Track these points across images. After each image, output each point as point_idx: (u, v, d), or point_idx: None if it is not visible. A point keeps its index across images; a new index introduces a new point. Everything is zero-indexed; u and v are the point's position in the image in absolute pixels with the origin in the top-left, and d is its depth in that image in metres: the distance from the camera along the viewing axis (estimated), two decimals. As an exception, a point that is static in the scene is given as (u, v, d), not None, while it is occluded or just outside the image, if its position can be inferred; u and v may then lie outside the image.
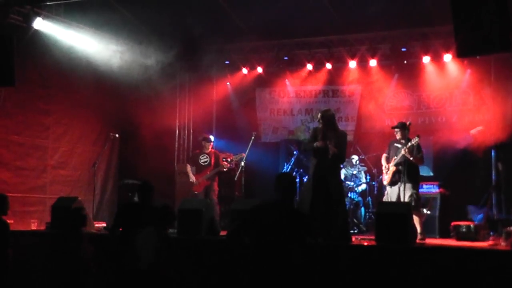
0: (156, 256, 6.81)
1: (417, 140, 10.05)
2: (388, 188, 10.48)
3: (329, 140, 9.14)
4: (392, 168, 10.30)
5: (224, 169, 12.41)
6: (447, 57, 12.90)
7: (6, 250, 7.79)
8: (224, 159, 12.64)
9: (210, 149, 12.57)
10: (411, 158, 10.00)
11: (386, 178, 10.52)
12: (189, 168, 12.53)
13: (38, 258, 9.48)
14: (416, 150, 10.08)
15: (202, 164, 12.43)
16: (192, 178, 12.31)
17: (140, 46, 13.19)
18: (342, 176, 13.05)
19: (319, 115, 9.45)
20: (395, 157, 10.31)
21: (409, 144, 10.04)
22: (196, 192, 12.18)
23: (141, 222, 7.22)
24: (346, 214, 9.89)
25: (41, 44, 11.88)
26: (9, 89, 11.33)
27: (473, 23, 7.51)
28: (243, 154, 12.36)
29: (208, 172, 12.26)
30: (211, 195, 12.13)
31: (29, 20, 11.40)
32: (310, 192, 9.19)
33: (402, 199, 9.96)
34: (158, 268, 6.78)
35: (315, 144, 9.22)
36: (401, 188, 10.03)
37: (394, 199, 10.18)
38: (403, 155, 10.06)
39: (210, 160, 12.41)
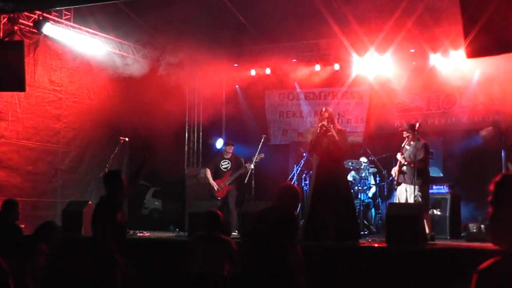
0: (212, 259, 7.05)
1: (421, 143, 10.24)
2: (398, 188, 10.55)
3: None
4: (397, 168, 10.40)
5: (248, 170, 12.28)
6: (457, 58, 12.87)
7: (18, 255, 7.78)
8: (243, 160, 12.55)
9: (231, 154, 12.53)
10: (405, 163, 10.09)
11: (395, 179, 10.62)
12: (209, 173, 12.40)
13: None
14: (418, 153, 10.11)
15: (223, 169, 12.36)
16: (214, 184, 12.22)
17: (149, 49, 13.24)
18: (351, 178, 13.08)
19: (326, 113, 9.63)
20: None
21: (411, 148, 10.18)
22: (219, 198, 12.15)
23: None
24: (354, 209, 10.06)
25: (51, 49, 11.94)
26: (19, 94, 11.39)
27: (483, 24, 7.49)
28: (262, 155, 12.27)
29: (229, 177, 12.23)
30: (231, 201, 12.11)
31: (38, 26, 11.47)
32: (314, 192, 9.43)
33: (409, 200, 10.03)
34: (213, 270, 6.98)
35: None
36: (407, 189, 10.12)
37: (402, 199, 10.23)
38: (400, 160, 10.22)
39: (231, 165, 12.37)
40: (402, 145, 10.53)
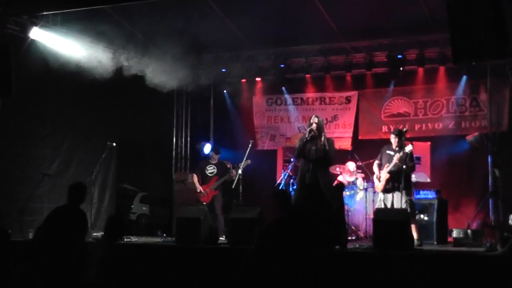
0: (102, 267, 6.60)
1: (410, 148, 10.11)
2: (381, 194, 10.49)
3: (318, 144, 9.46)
4: (385, 176, 10.32)
5: (233, 178, 12.30)
6: (443, 64, 12.95)
7: (6, 260, 7.73)
8: (229, 166, 12.59)
9: (217, 160, 12.56)
10: (403, 166, 10.05)
11: (378, 186, 10.51)
12: (195, 178, 12.44)
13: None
14: (408, 159, 10.12)
15: (209, 174, 12.38)
16: (200, 188, 12.24)
17: (137, 55, 13.22)
18: (339, 183, 13.10)
19: (315, 119, 9.60)
20: (388, 164, 10.36)
21: (402, 152, 10.07)
22: (204, 203, 12.13)
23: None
24: (337, 218, 10.02)
25: (39, 53, 11.87)
26: (6, 99, 11.31)
27: (469, 31, 7.54)
28: (249, 161, 12.32)
29: (214, 182, 12.25)
30: (217, 207, 12.11)
31: (26, 30, 11.43)
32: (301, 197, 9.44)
33: (396, 206, 10.01)
34: (103, 280, 6.54)
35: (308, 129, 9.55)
36: (395, 195, 10.09)
37: (389, 205, 10.22)
38: (396, 163, 10.13)
39: (218, 170, 12.38)
40: (386, 151, 10.54)
